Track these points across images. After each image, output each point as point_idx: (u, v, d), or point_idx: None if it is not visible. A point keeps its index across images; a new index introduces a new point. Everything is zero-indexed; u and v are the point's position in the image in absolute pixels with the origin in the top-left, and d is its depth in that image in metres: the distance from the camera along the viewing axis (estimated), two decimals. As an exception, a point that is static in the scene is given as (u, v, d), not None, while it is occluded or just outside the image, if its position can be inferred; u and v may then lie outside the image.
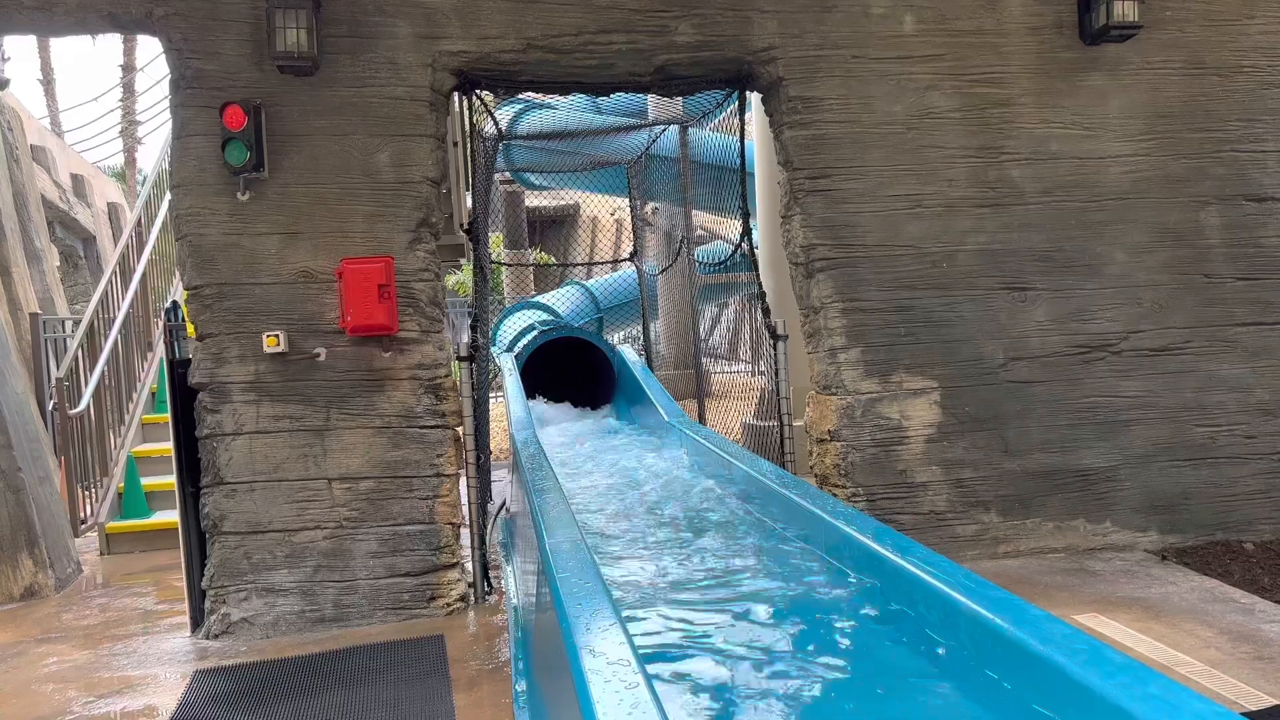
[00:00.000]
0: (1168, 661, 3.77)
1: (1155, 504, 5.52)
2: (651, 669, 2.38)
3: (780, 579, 3.86)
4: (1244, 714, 3.22)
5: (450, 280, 17.16)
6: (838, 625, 3.31)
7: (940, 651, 2.84)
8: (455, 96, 5.68)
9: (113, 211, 15.91)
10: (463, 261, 8.86)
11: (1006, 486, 5.45)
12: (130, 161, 25.47)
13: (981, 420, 5.46)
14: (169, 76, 4.99)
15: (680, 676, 3.01)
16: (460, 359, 5.31)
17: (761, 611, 3.50)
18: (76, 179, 14.37)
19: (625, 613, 3.54)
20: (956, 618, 2.77)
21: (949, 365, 5.46)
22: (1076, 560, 5.31)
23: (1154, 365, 5.58)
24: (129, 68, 25.38)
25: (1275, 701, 3.35)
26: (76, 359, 7.79)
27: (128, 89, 25.52)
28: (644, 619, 3.55)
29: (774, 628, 3.38)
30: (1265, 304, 5.67)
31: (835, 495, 5.26)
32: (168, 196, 6.76)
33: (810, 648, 3.19)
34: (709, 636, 3.35)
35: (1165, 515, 5.51)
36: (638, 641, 2.50)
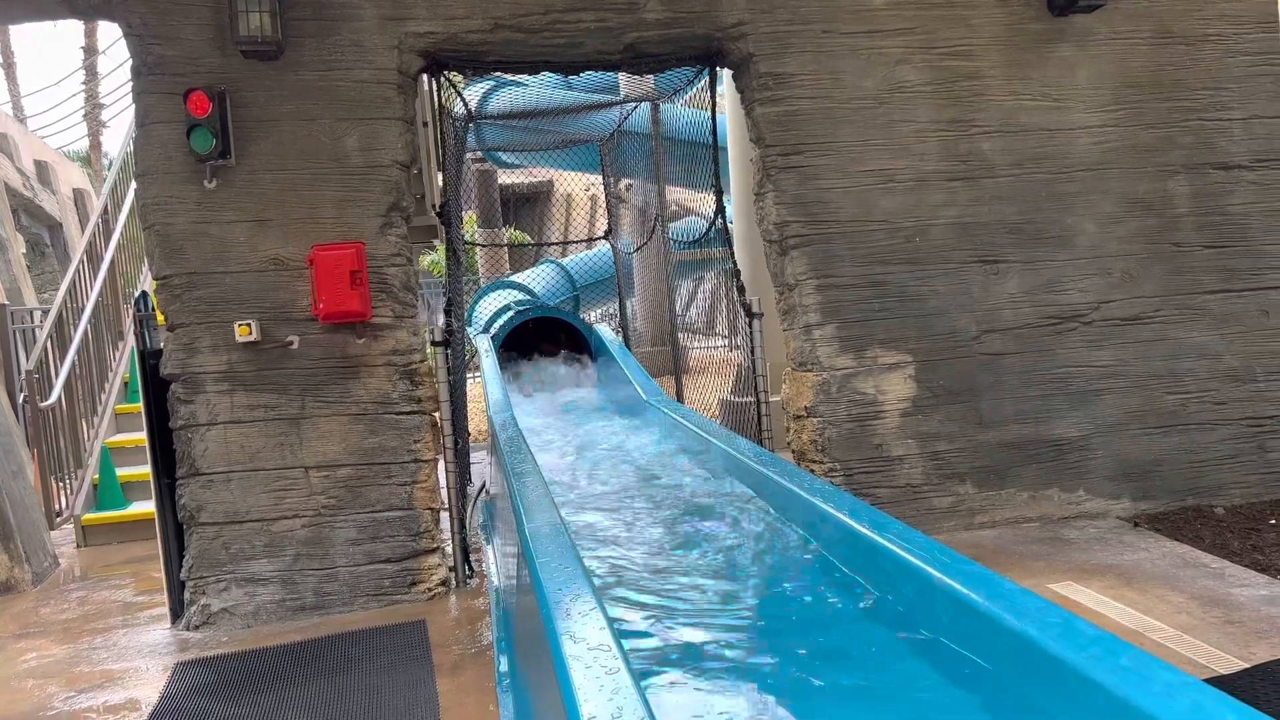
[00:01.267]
0: (1140, 628, 3.83)
1: (1127, 471, 5.59)
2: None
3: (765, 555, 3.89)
4: (1214, 678, 3.29)
5: (425, 260, 17.04)
6: (808, 600, 3.34)
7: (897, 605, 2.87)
8: (424, 77, 5.62)
9: (79, 197, 15.65)
10: (436, 242, 8.80)
11: (981, 458, 5.51)
12: (95, 146, 25.06)
13: (956, 393, 5.51)
14: (130, 63, 4.91)
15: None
16: (435, 344, 5.29)
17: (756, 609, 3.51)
18: (40, 165, 14.12)
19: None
20: (932, 593, 2.80)
21: (923, 339, 5.50)
22: (1051, 529, 5.38)
23: (1125, 334, 5.64)
24: (91, 50, 24.89)
25: (1245, 665, 3.41)
26: (46, 350, 7.70)
27: (90, 72, 25.05)
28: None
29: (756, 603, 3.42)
30: (1232, 271, 5.74)
31: (812, 471, 5.30)
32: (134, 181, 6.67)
33: (786, 617, 3.22)
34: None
35: (1137, 482, 5.59)
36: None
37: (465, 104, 8.37)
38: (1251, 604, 4.01)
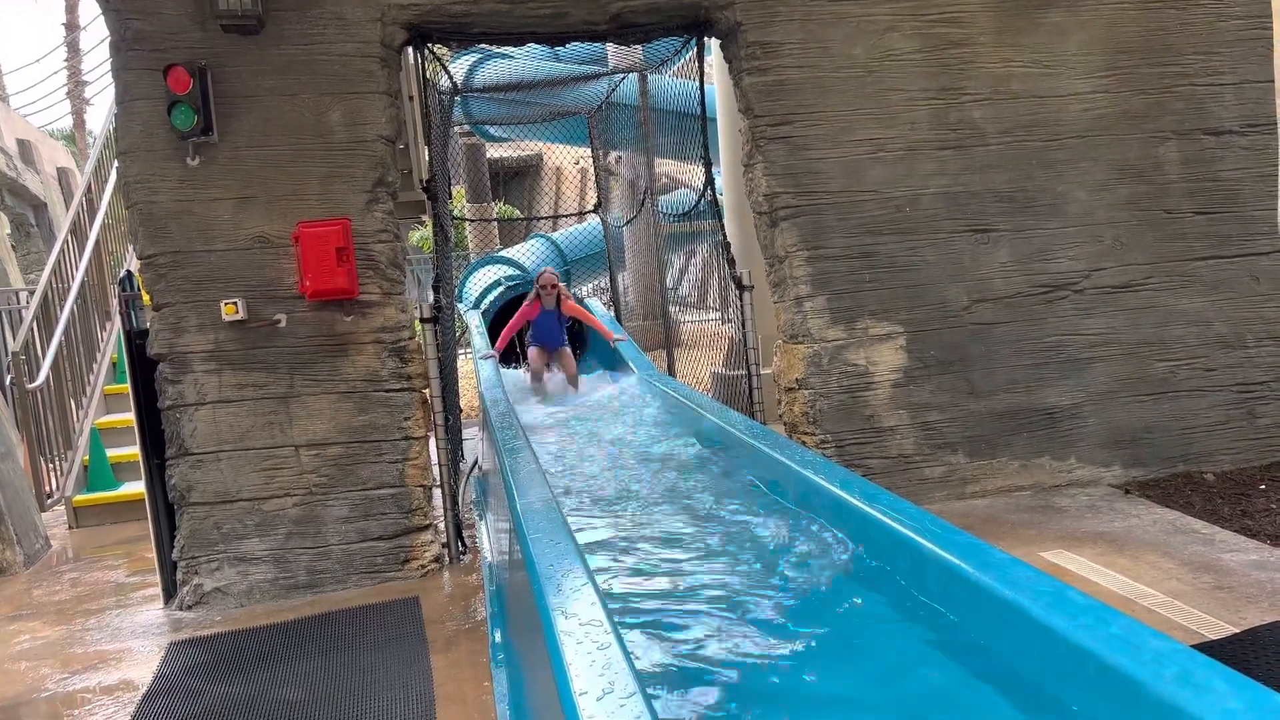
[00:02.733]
0: (1131, 594, 3.85)
1: (1118, 439, 5.60)
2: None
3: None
4: (1204, 644, 3.30)
5: (414, 236, 16.95)
6: (812, 577, 3.35)
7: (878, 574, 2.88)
8: (408, 50, 5.55)
9: (63, 176, 15.50)
10: (424, 217, 8.74)
11: (973, 427, 5.51)
12: (79, 124, 24.83)
13: (947, 363, 5.50)
14: (109, 39, 4.84)
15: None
16: (424, 320, 5.25)
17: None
18: (23, 144, 13.97)
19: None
20: (924, 564, 2.80)
21: (914, 309, 5.48)
22: (1042, 497, 5.40)
23: (1115, 302, 5.64)
24: (72, 26, 24.59)
25: (1235, 630, 3.43)
26: (32, 331, 7.64)
27: (72, 48, 24.77)
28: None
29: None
30: (1223, 237, 5.72)
31: (804, 443, 5.30)
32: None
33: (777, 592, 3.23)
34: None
35: (1128, 449, 5.60)
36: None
37: (450, 77, 8.29)
38: (1241, 569, 4.03)
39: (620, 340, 7.99)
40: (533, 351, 8.08)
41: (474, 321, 9.12)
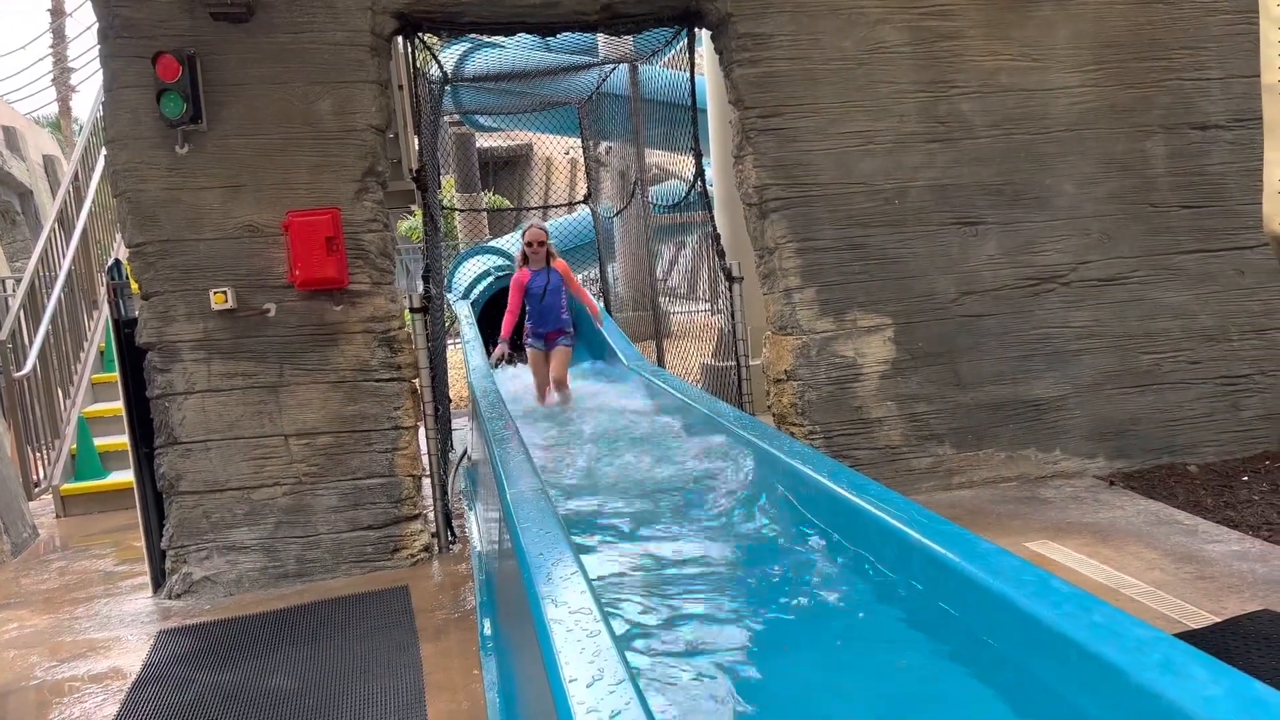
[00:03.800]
0: (1114, 584, 3.89)
1: (1103, 431, 5.65)
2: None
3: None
4: (1185, 632, 3.34)
5: (404, 226, 16.89)
6: (793, 558, 3.37)
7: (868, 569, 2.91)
8: (398, 39, 5.54)
9: (49, 164, 15.39)
10: (414, 207, 8.70)
11: (959, 419, 5.54)
12: (65, 111, 24.63)
13: (935, 355, 5.53)
14: (97, 26, 4.81)
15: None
16: (413, 310, 5.25)
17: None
18: (8, 131, 13.86)
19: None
20: (910, 553, 2.83)
21: (902, 301, 5.51)
22: (1028, 488, 5.44)
23: (1102, 295, 5.67)
24: (58, 12, 24.39)
25: (1216, 619, 3.47)
26: (19, 319, 7.59)
27: (58, 34, 24.55)
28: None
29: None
30: (1208, 231, 5.76)
31: (793, 434, 5.32)
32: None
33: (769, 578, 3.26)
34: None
35: (1113, 441, 5.65)
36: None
37: (441, 66, 8.26)
38: (1223, 559, 4.08)
39: (600, 324, 7.82)
40: (533, 356, 7.14)
41: (463, 312, 9.11)
